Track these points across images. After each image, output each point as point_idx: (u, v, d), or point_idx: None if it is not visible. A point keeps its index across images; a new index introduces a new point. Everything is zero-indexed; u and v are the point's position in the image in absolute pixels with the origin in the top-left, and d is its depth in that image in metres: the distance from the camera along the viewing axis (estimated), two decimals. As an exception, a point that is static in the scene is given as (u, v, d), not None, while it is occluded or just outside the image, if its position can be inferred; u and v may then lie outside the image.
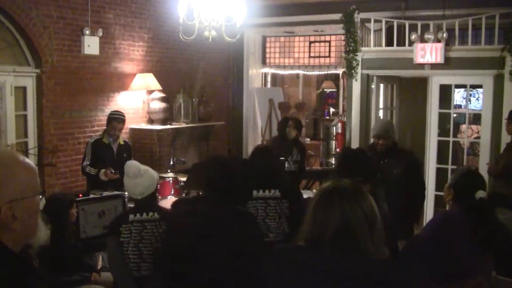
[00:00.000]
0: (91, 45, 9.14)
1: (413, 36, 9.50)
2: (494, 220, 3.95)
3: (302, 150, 8.81)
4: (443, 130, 9.84)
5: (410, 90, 11.27)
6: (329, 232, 2.32)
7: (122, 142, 7.84)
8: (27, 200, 1.90)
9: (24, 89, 8.38)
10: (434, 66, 9.47)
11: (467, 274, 3.71)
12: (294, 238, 2.68)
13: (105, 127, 7.95)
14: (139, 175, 4.82)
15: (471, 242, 3.71)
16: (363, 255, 2.31)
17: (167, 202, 7.10)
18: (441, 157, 9.77)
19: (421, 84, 10.08)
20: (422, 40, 9.49)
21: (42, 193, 2.04)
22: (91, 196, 6.52)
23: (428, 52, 9.35)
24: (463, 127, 10.75)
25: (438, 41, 9.37)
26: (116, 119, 7.68)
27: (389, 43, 10.05)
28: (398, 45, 9.90)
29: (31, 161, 2.01)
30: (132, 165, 4.95)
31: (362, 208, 2.35)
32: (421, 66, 9.56)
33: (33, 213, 1.95)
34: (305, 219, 2.44)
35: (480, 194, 3.92)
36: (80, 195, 6.45)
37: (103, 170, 7.35)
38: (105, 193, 6.64)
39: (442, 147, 9.79)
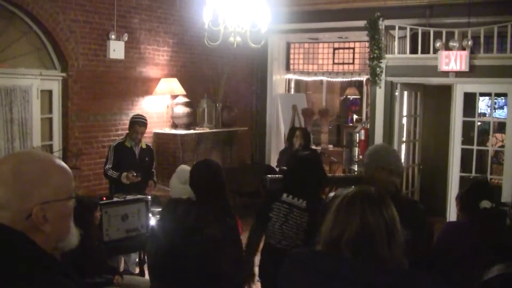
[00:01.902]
0: (116, 49, 9.21)
1: (438, 44, 9.44)
2: (502, 228, 3.94)
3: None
4: (467, 138, 9.75)
5: (434, 97, 11.19)
6: (347, 234, 2.32)
7: (144, 146, 7.80)
8: (60, 203, 1.90)
9: (50, 92, 8.46)
10: (458, 74, 9.40)
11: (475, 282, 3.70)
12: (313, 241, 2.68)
13: (127, 131, 7.93)
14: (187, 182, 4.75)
15: (478, 251, 3.69)
16: (379, 261, 2.30)
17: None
18: (465, 165, 9.68)
19: (445, 92, 10.01)
20: (447, 47, 9.42)
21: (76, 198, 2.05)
22: (115, 199, 6.52)
23: (453, 60, 9.29)
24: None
25: (463, 48, 9.30)
26: (138, 122, 7.64)
27: (414, 50, 10.00)
28: (422, 52, 9.86)
29: (66, 165, 2.01)
30: (184, 170, 4.89)
31: (383, 215, 2.34)
32: (446, 73, 9.49)
33: (65, 216, 1.95)
34: (326, 219, 2.44)
35: (485, 204, 3.93)
36: (104, 198, 6.47)
37: (124, 173, 7.33)
38: (129, 197, 6.64)
39: (465, 156, 9.70)
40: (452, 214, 9.40)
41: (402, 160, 10.28)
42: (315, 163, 5.07)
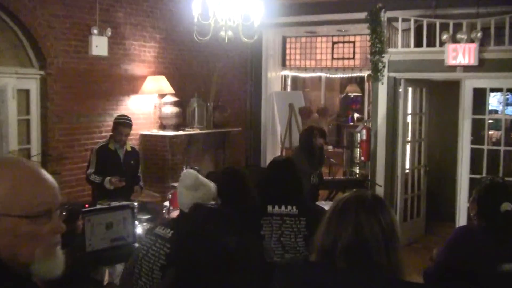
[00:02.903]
0: (99, 45, 9.14)
1: (445, 36, 9.41)
2: None
3: (324, 160, 8.73)
4: (476, 137, 9.72)
5: (441, 94, 11.17)
6: (341, 242, 2.32)
7: (129, 149, 7.78)
8: (8, 218, 1.73)
9: (27, 92, 8.37)
10: (467, 68, 9.36)
11: None
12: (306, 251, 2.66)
13: (111, 133, 7.88)
14: (192, 188, 4.66)
15: (493, 260, 3.63)
16: (376, 270, 2.28)
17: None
18: (475, 166, 9.64)
19: (453, 88, 9.98)
20: (454, 40, 9.38)
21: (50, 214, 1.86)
22: (98, 206, 6.46)
23: (461, 53, 9.25)
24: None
25: (472, 41, 9.26)
26: (122, 123, 7.61)
27: (418, 43, 9.98)
28: (428, 45, 9.83)
29: (46, 177, 1.82)
30: (189, 174, 4.78)
31: (380, 221, 2.34)
32: (453, 68, 9.45)
33: (20, 236, 1.75)
34: (319, 228, 2.44)
35: (507, 206, 3.82)
36: (87, 206, 6.39)
37: (108, 178, 7.31)
38: (113, 203, 6.58)
39: (475, 156, 9.67)
40: (462, 218, 9.36)
41: (407, 161, 10.30)
42: (285, 164, 5.03)
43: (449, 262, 3.83)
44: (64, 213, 1.86)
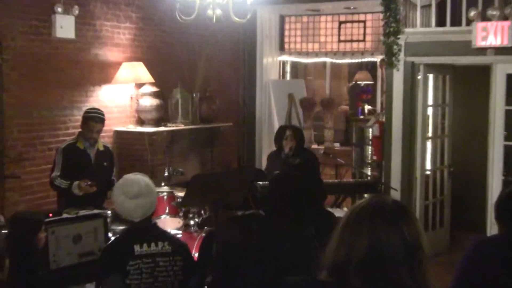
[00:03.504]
0: (65, 26, 9.07)
1: (472, 13, 9.39)
2: None
3: (311, 160, 8.69)
4: (511, 132, 9.68)
5: (468, 81, 11.16)
6: (355, 258, 2.32)
7: (101, 148, 7.83)
8: None
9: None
10: (499, 50, 9.32)
11: None
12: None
13: (80, 129, 7.90)
14: (140, 195, 4.69)
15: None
16: None
17: (161, 222, 7.03)
18: (508, 166, 9.62)
19: (482, 74, 9.96)
20: (484, 17, 9.36)
21: None
22: (64, 216, 6.42)
23: (492, 33, 9.20)
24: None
25: (505, 18, 9.25)
26: (93, 118, 7.64)
27: (441, 22, 9.93)
28: (452, 25, 9.80)
29: None
30: (132, 181, 4.81)
31: (401, 232, 2.33)
32: (483, 51, 9.41)
33: None
34: (330, 241, 2.46)
35: None
36: (51, 215, 6.33)
37: (76, 182, 7.31)
38: (82, 212, 6.54)
39: (509, 154, 9.64)
40: (493, 228, 9.28)
41: (428, 161, 10.25)
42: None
43: (467, 278, 3.88)
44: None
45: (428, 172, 10.31)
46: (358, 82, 16.17)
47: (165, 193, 7.70)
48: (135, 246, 4.63)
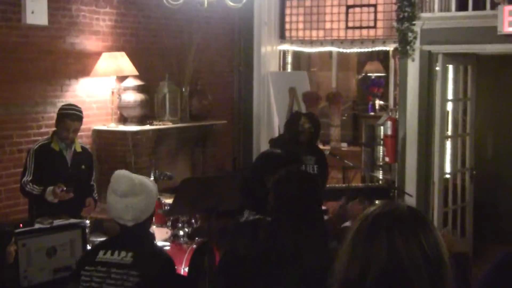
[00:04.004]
0: (36, 11, 9.05)
1: (498, -5, 9.39)
2: None
3: (321, 159, 8.68)
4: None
5: (493, 72, 11.17)
6: (371, 272, 2.31)
7: (79, 149, 7.79)
8: None
9: None
10: (529, 37, 9.35)
11: None
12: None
13: (54, 128, 7.87)
14: (131, 193, 4.59)
15: None
16: None
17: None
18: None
19: (509, 64, 9.95)
20: None
21: None
22: (37, 226, 6.41)
23: (521, 18, 9.23)
24: None
25: (536, 0, 9.27)
26: (70, 115, 7.59)
27: (462, 5, 9.95)
28: (475, 8, 9.83)
29: None
30: (122, 177, 4.72)
31: (421, 243, 2.32)
32: (510, 38, 9.43)
33: None
34: (340, 256, 2.45)
35: None
36: (21, 225, 6.35)
37: (50, 188, 7.27)
38: (57, 222, 6.53)
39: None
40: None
41: (447, 163, 10.25)
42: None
43: None
44: None
45: (447, 176, 10.33)
46: (368, 74, 16.19)
47: (151, 200, 7.66)
48: (100, 252, 4.58)
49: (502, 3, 9.36)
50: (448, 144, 10.47)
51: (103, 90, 10.26)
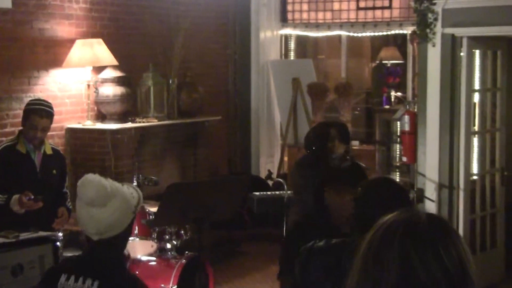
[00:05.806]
0: (-1, -8, 9.05)
1: (534, -32, 9.39)
2: None
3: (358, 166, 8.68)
4: None
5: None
6: None
7: (49, 151, 7.73)
8: None
9: None
10: None
11: None
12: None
13: (21, 127, 7.81)
14: (98, 203, 4.38)
15: None
16: None
17: (129, 246, 6.99)
18: None
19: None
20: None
21: None
22: (0, 240, 6.44)
23: (559, -5, 9.24)
24: None
25: None
26: (37, 111, 7.50)
27: (490, -19, 9.89)
28: (504, -15, 9.75)
29: None
30: (89, 181, 4.50)
31: (440, 257, 2.29)
32: (547, 19, 9.40)
33: None
34: (351, 271, 2.42)
35: None
36: (-17, 240, 6.36)
37: (16, 197, 7.15)
38: (24, 235, 6.55)
39: None
40: None
41: (474, 163, 10.21)
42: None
43: None
44: None
45: (474, 178, 10.29)
46: (383, 62, 16.20)
47: (134, 209, 7.65)
48: (62, 276, 4.48)
49: (538, -22, 9.37)
50: (475, 141, 10.43)
51: (78, 83, 10.27)
